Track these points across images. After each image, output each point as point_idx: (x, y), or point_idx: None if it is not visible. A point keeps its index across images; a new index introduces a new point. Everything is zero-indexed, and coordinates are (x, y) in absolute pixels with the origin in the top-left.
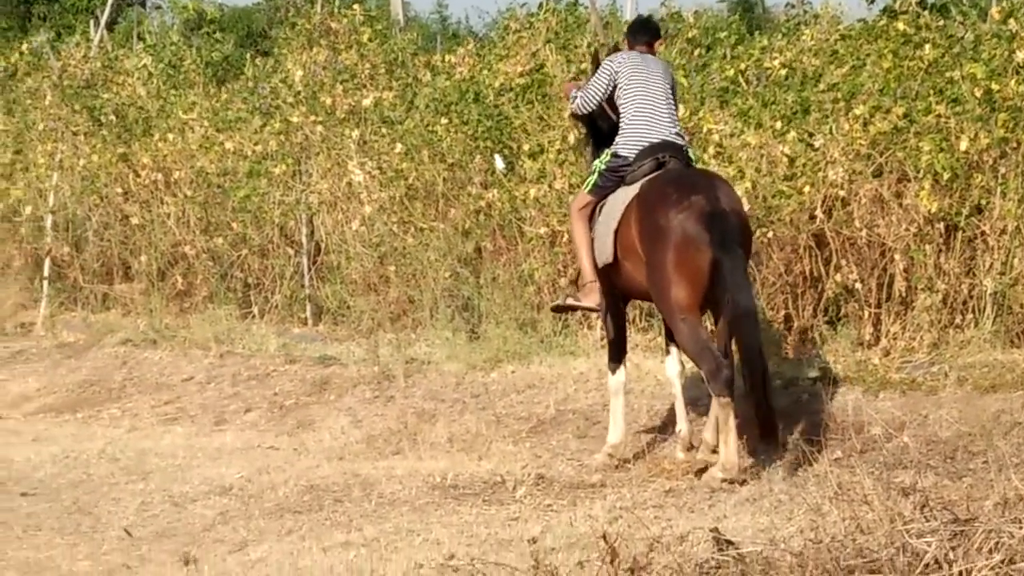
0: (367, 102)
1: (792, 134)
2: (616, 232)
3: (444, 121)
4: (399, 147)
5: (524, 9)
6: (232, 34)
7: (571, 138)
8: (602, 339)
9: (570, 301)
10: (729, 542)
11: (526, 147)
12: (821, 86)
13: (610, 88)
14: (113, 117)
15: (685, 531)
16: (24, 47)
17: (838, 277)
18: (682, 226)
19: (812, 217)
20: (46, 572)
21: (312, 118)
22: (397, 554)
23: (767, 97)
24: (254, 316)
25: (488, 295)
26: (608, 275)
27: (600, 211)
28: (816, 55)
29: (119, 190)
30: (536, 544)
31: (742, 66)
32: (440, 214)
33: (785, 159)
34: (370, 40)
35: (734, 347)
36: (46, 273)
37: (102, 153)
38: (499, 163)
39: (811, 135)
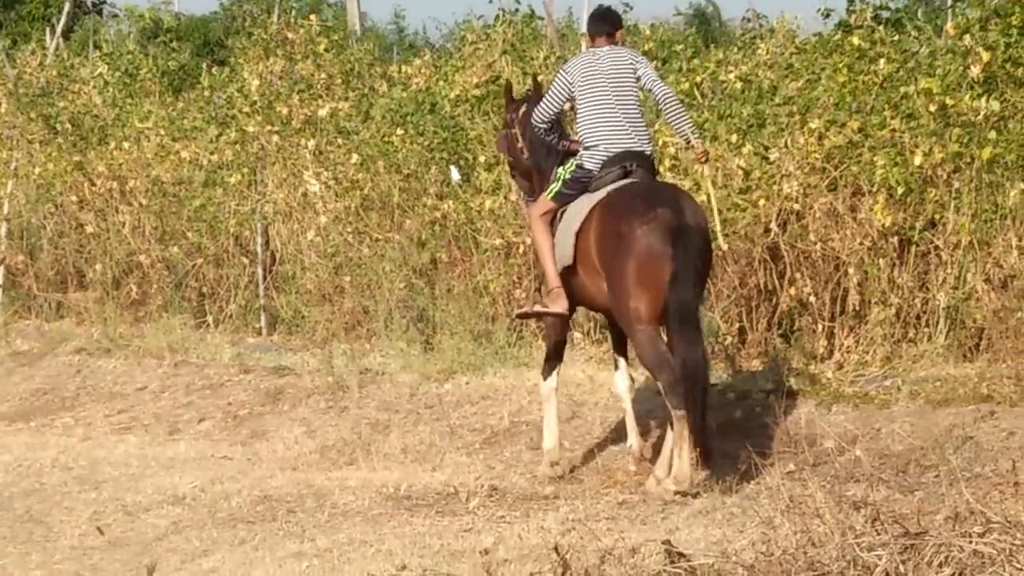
0: (323, 112)
1: (747, 147)
2: (577, 236)
3: (400, 132)
4: (355, 157)
5: (481, 20)
6: (188, 43)
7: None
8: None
9: (537, 308)
10: (681, 554)
11: (482, 158)
12: (777, 99)
13: (567, 99)
14: (69, 125)
15: (638, 543)
16: None
17: (792, 290)
18: (646, 238)
19: (767, 230)
20: None
21: (268, 128)
22: (350, 565)
23: (723, 110)
24: (208, 325)
25: (443, 306)
26: (566, 281)
27: (561, 217)
28: (772, 68)
29: (74, 198)
30: (488, 555)
31: (698, 79)
32: (395, 225)
33: (740, 172)
34: (326, 50)
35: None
36: (0, 281)
37: (57, 161)
38: (455, 174)
39: (766, 148)
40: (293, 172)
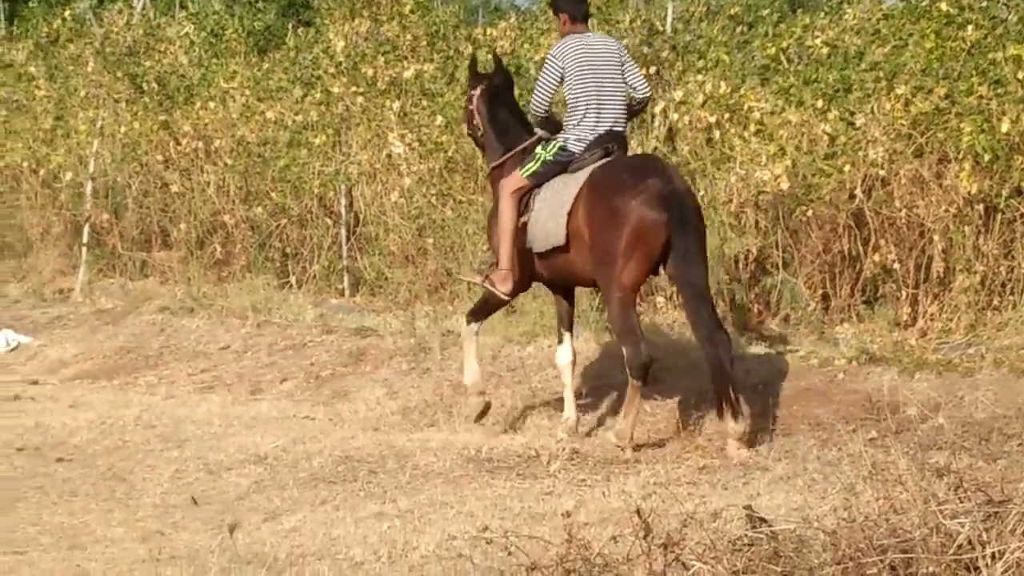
0: (408, 74)
1: (833, 113)
2: (568, 216)
3: None
4: (439, 119)
5: None
6: (274, 3)
7: None
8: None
9: (486, 285)
10: (762, 519)
11: None
12: (863, 65)
13: (559, 82)
14: (155, 85)
15: (719, 508)
16: (67, 13)
17: (876, 257)
18: (639, 209)
19: (852, 196)
20: (81, 537)
21: (353, 89)
22: (430, 526)
23: (809, 75)
24: (291, 286)
25: None
26: (547, 259)
27: (534, 198)
28: (858, 34)
29: (159, 158)
30: (569, 518)
31: (784, 44)
32: (479, 187)
33: (826, 137)
34: (412, 12)
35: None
36: (85, 239)
37: (143, 120)
38: None
39: (852, 114)
40: (377, 133)
